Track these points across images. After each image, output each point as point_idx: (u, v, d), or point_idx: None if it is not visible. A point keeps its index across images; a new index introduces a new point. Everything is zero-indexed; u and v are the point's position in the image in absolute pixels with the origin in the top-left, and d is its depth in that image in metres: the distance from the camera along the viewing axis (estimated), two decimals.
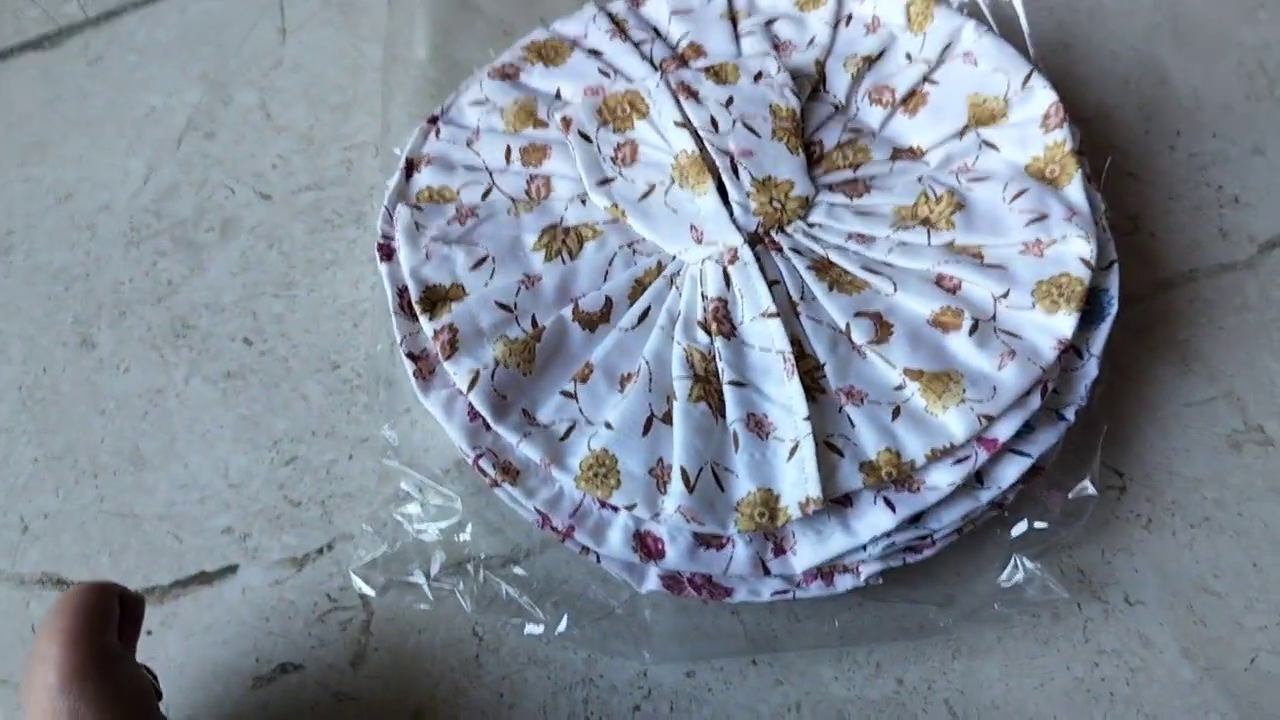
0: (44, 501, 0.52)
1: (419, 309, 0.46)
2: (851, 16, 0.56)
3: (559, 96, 0.52)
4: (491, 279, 0.47)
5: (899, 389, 0.44)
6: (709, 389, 0.44)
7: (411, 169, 0.52)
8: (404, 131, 0.55)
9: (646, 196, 0.48)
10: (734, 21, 0.56)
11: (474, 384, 0.44)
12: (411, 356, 0.46)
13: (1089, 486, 0.47)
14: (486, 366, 0.44)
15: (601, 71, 0.52)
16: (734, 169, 0.48)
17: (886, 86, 0.53)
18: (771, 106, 0.50)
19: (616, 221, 0.48)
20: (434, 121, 0.53)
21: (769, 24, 0.56)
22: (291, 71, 0.62)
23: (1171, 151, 0.59)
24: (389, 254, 0.49)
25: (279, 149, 0.60)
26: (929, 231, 0.46)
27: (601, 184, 0.48)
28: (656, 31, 0.56)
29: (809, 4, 0.56)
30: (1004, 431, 0.43)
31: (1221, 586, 0.48)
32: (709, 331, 0.45)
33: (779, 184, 0.48)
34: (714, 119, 0.49)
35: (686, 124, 0.48)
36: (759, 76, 0.52)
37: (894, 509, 0.42)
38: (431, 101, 0.56)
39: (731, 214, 0.47)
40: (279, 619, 0.49)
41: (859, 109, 0.53)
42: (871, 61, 0.54)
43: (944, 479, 0.42)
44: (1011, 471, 0.43)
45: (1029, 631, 0.47)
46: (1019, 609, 0.46)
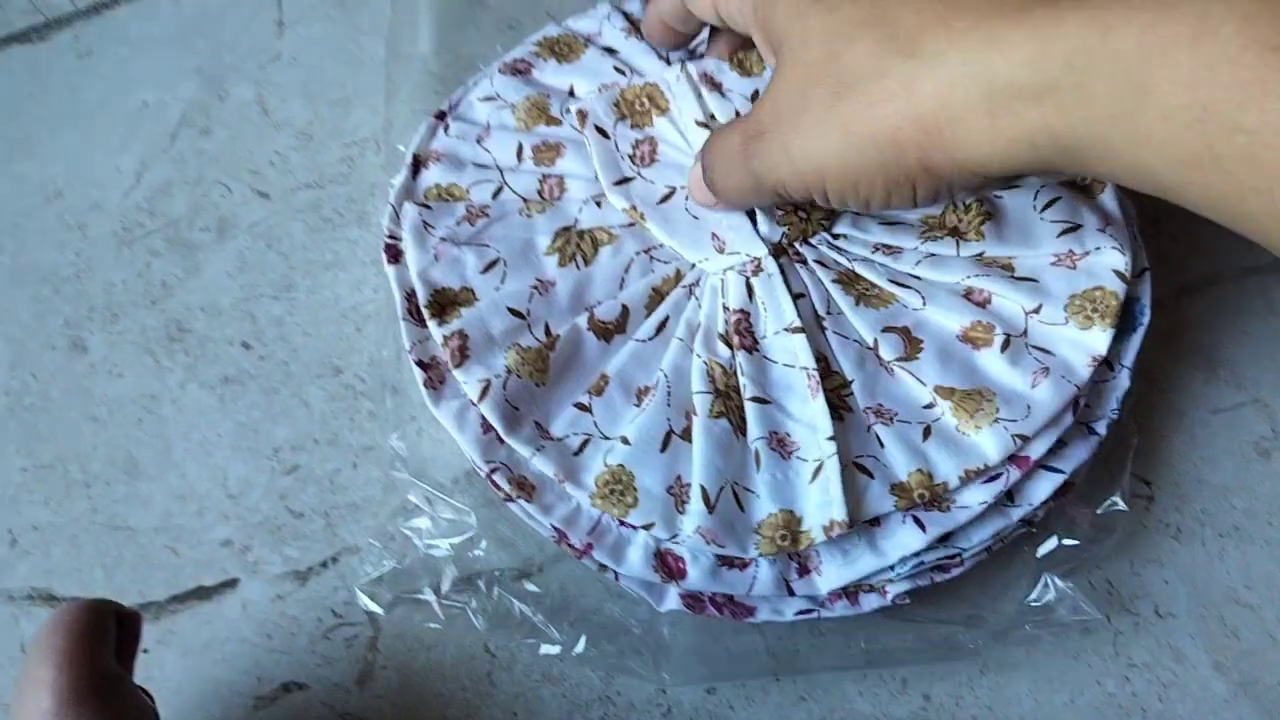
0: (33, 513, 0.51)
1: (427, 313, 0.45)
2: None
3: (572, 93, 0.51)
4: (503, 283, 0.46)
5: (929, 407, 0.42)
6: (729, 405, 0.42)
7: (419, 166, 0.50)
8: (407, 128, 0.53)
9: (667, 200, 0.46)
10: None
11: (485, 394, 0.42)
12: (421, 365, 0.44)
13: (1119, 501, 0.46)
14: (498, 376, 0.43)
15: (617, 69, 0.50)
16: None
17: None
18: None
19: (632, 225, 0.47)
20: (442, 117, 0.52)
21: None
22: (289, 66, 0.61)
23: None
24: (396, 255, 0.47)
25: (277, 145, 0.58)
26: (958, 242, 0.45)
27: (620, 184, 0.47)
28: None
29: None
30: (1037, 449, 0.41)
31: (1253, 598, 0.47)
32: (730, 345, 0.44)
33: None
34: (739, 113, 0.47)
35: (708, 124, 0.46)
36: None
37: (924, 528, 0.40)
38: (435, 97, 0.54)
39: (755, 223, 0.45)
40: (281, 636, 0.48)
41: None
42: None
43: (975, 498, 0.41)
44: (1044, 488, 0.42)
45: (1058, 645, 0.46)
46: (1049, 630, 0.44)
